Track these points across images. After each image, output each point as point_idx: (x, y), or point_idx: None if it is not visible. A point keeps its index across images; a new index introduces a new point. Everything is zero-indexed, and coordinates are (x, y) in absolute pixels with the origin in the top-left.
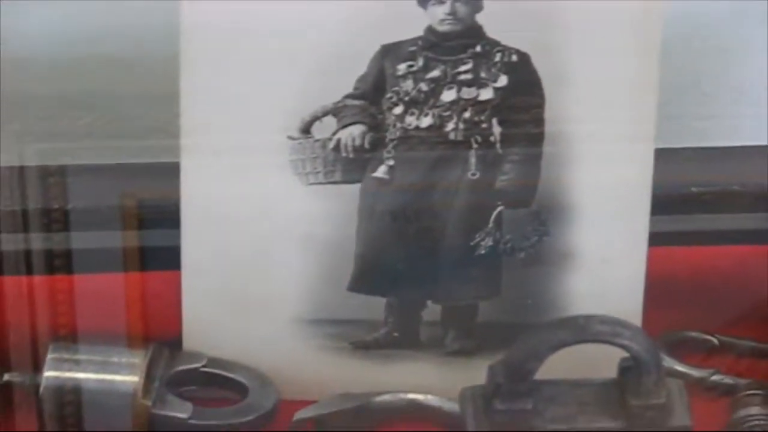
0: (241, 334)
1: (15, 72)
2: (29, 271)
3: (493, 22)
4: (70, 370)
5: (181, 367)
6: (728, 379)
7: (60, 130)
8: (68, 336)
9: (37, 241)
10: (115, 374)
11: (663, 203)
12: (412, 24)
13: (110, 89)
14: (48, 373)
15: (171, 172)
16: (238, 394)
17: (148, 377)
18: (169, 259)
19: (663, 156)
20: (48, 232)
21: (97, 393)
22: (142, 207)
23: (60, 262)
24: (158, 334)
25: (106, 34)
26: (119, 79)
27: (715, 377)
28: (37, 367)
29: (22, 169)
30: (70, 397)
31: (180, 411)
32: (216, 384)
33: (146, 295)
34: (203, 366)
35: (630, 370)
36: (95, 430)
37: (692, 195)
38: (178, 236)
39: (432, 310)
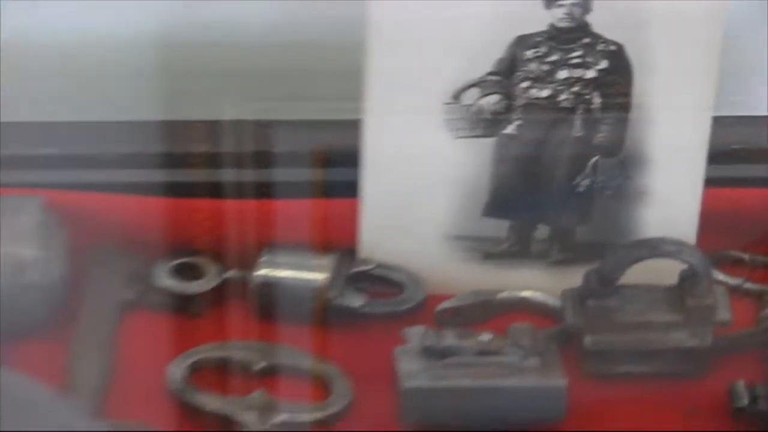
0: (403, 246)
1: (244, 52)
2: (246, 196)
3: (597, 20)
4: (274, 269)
5: (356, 269)
6: (756, 286)
7: (272, 95)
8: (274, 245)
9: (252, 175)
10: (308, 273)
11: (713, 156)
12: (539, 21)
13: (310, 66)
14: (259, 272)
15: (354, 126)
16: (398, 290)
17: (332, 276)
18: (350, 190)
19: (716, 122)
20: (260, 169)
21: (293, 287)
22: (331, 151)
23: (268, 190)
24: (341, 244)
25: (306, 22)
26: (318, 58)
27: (746, 285)
28: (251, 267)
29: (242, 122)
30: (274, 290)
31: (355, 302)
32: (382, 282)
33: (333, 216)
34: (373, 269)
35: (688, 278)
36: (290, 315)
37: (733, 150)
38: (356, 174)
39: (542, 231)
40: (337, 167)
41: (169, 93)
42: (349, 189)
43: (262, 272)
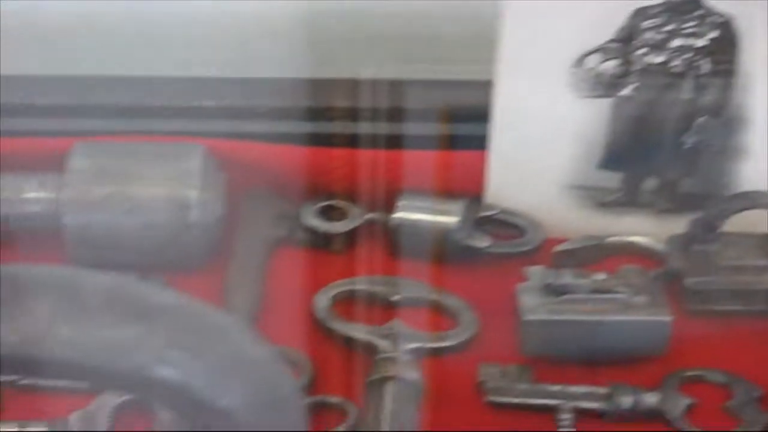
0: (525, 194)
1: (382, 18)
2: (381, 147)
3: None
4: (411, 212)
5: (483, 214)
6: None
7: (406, 57)
8: (409, 191)
9: (386, 129)
10: (440, 216)
11: None
12: None
13: (442, 32)
14: (396, 215)
15: (477, 86)
16: (519, 233)
17: (462, 220)
18: (473, 143)
19: None
20: (393, 123)
21: (427, 229)
22: (456, 109)
23: (400, 143)
24: (469, 191)
25: None
26: (448, 24)
27: None
28: (388, 210)
29: (379, 81)
30: (410, 230)
31: (481, 242)
32: (505, 226)
33: (459, 166)
34: (497, 213)
35: None
36: (423, 254)
37: None
38: (479, 128)
39: (650, 182)
40: (461, 123)
41: (316, 53)
42: (472, 142)
43: (400, 215)
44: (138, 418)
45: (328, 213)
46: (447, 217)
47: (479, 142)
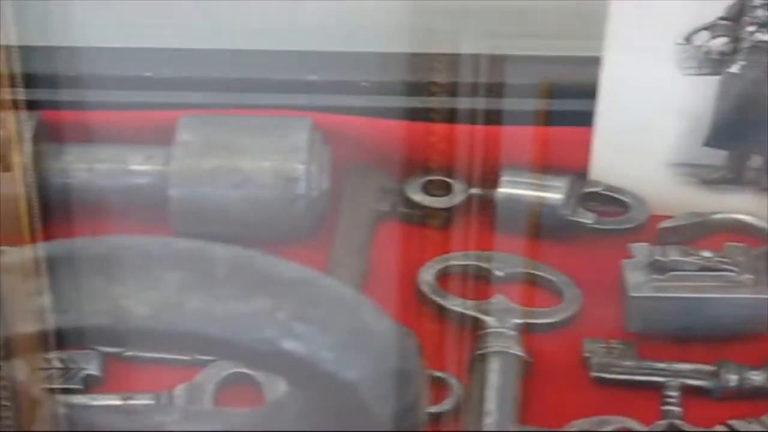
0: (629, 171)
1: None
2: (480, 122)
3: None
4: (515, 188)
5: (587, 190)
6: None
7: (505, 32)
8: (512, 166)
9: (486, 103)
10: (545, 192)
11: None
12: None
13: (540, 6)
14: (501, 190)
15: (576, 62)
16: (623, 209)
17: (566, 195)
18: (577, 118)
19: None
20: (496, 98)
21: (532, 204)
22: (558, 84)
23: (500, 118)
24: (570, 167)
25: None
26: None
27: None
28: (491, 186)
29: (479, 56)
30: (514, 206)
31: (586, 218)
32: (609, 202)
33: (558, 142)
34: (602, 190)
35: None
36: (527, 229)
37: None
38: (579, 104)
39: (755, 160)
40: (561, 98)
41: (416, 28)
42: (571, 118)
43: (504, 190)
44: (243, 391)
45: (430, 188)
46: (551, 193)
47: (578, 118)
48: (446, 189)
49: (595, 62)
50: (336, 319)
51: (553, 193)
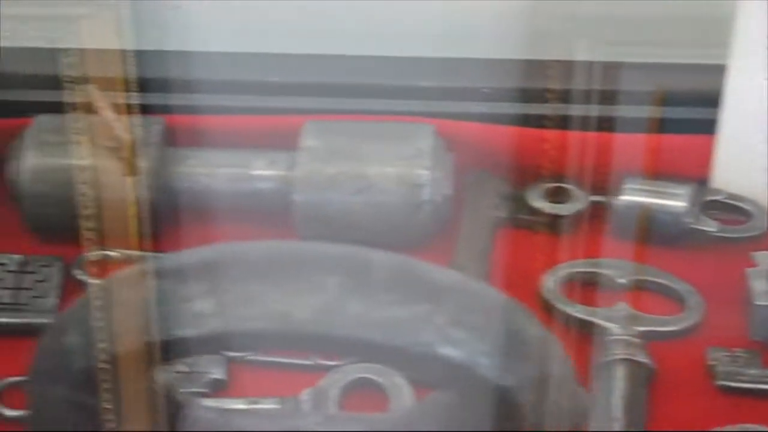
0: (752, 179)
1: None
2: (592, 129)
3: None
4: (637, 195)
5: (709, 198)
6: None
7: (619, 39)
8: (632, 174)
9: (597, 111)
10: (668, 200)
11: None
12: None
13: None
14: (623, 197)
15: (697, 70)
16: (745, 218)
17: (689, 203)
18: (692, 126)
19: None
20: (607, 105)
21: (654, 212)
22: (673, 92)
23: (614, 125)
24: (691, 175)
25: None
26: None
27: None
28: (612, 193)
29: (593, 63)
30: (637, 213)
31: (709, 226)
32: (731, 211)
33: (680, 150)
34: (724, 198)
35: None
36: (650, 237)
37: None
38: (698, 112)
39: None
40: (675, 106)
41: (531, 35)
42: (686, 126)
43: (626, 197)
44: (367, 396)
45: (552, 194)
46: (674, 201)
47: (693, 126)
48: (566, 196)
49: (710, 70)
50: (493, 326)
51: (676, 200)
